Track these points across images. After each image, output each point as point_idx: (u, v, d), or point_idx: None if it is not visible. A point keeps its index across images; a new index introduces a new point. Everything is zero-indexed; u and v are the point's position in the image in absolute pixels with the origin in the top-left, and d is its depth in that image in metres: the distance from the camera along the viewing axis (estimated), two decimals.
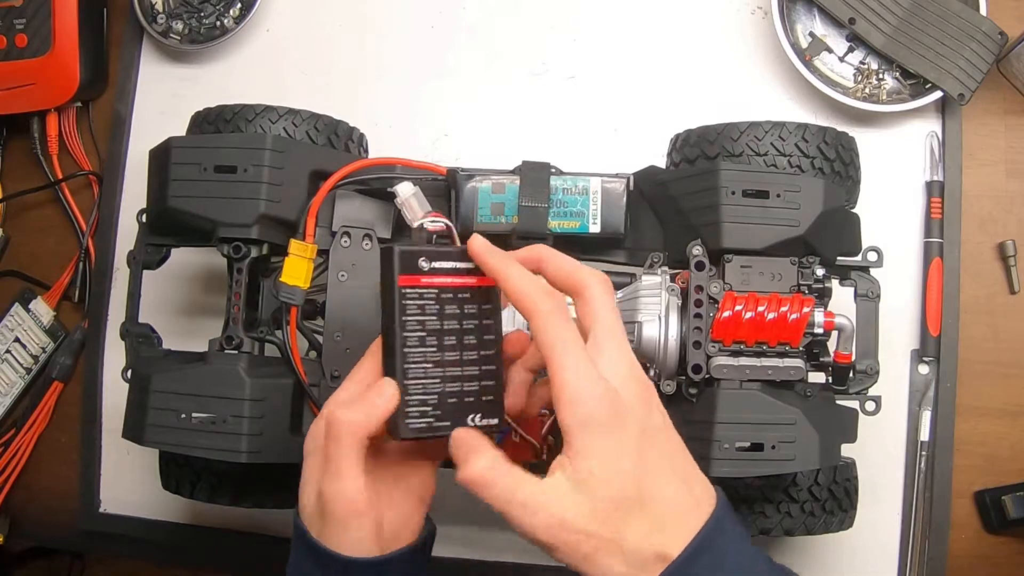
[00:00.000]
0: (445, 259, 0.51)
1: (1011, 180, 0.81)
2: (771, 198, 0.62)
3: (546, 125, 0.85)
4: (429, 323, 0.50)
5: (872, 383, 0.68)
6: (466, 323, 0.51)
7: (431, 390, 0.50)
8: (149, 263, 0.73)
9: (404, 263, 0.50)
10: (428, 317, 0.50)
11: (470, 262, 0.51)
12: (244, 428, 0.63)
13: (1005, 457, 0.78)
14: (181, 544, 0.86)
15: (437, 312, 0.51)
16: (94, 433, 0.88)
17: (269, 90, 0.86)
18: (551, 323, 0.47)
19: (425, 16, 0.89)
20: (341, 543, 0.49)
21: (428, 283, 0.51)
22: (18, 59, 0.88)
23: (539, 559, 0.81)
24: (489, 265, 0.50)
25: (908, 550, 0.77)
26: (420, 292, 0.50)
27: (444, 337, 0.51)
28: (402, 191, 0.65)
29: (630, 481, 0.46)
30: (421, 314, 0.50)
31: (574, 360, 0.46)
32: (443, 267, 0.51)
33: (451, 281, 0.51)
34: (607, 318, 0.48)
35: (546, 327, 0.47)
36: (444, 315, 0.51)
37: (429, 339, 0.50)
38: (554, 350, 0.47)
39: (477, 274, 0.51)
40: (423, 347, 0.50)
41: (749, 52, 0.85)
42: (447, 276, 0.51)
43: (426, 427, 0.50)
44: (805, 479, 0.66)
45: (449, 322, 0.51)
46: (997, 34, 0.77)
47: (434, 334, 0.50)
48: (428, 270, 0.51)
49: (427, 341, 0.50)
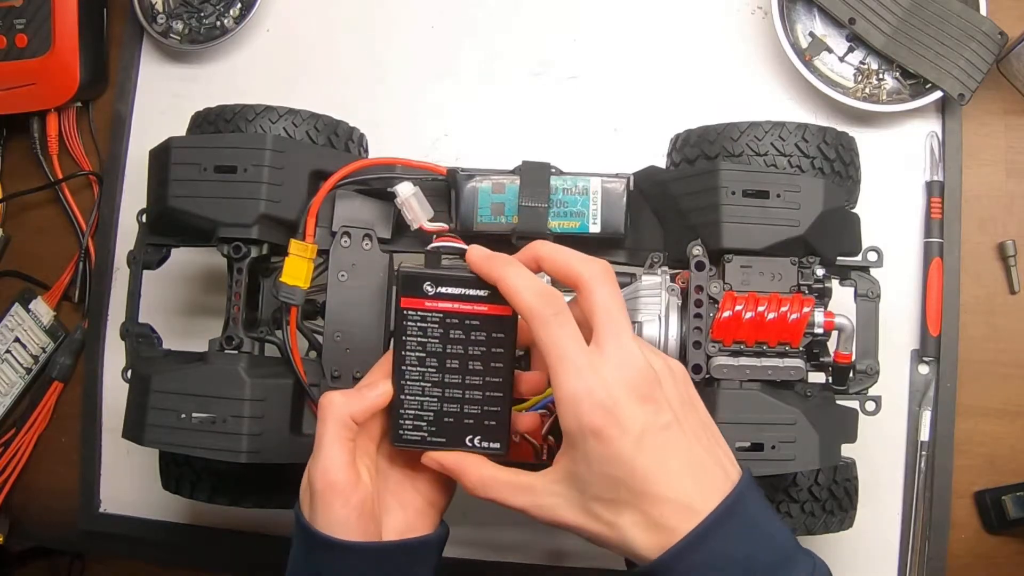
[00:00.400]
0: (453, 284, 0.51)
1: (1011, 180, 0.81)
2: (771, 198, 0.62)
3: (546, 125, 0.85)
4: (431, 345, 0.51)
5: (872, 383, 0.68)
6: (472, 349, 0.51)
7: (428, 407, 0.52)
8: (149, 263, 0.73)
9: (407, 285, 0.51)
10: (430, 339, 0.51)
11: (484, 289, 0.51)
12: (244, 428, 0.63)
13: (1005, 457, 0.78)
14: (181, 544, 0.86)
15: (440, 336, 0.51)
16: (94, 433, 0.88)
17: (269, 90, 0.86)
18: (548, 328, 0.47)
19: (425, 16, 0.89)
20: (327, 522, 0.50)
21: (432, 307, 0.51)
22: (18, 59, 0.88)
23: (540, 559, 0.81)
24: (485, 271, 0.50)
25: (908, 550, 0.77)
26: (423, 315, 0.51)
27: (446, 360, 0.51)
28: (402, 191, 0.65)
29: (622, 487, 0.46)
30: (422, 336, 0.51)
31: (572, 366, 0.46)
32: (450, 292, 0.51)
33: (458, 307, 0.51)
34: (607, 310, 0.48)
35: (543, 332, 0.47)
36: (448, 339, 0.51)
37: (429, 360, 0.51)
38: (551, 356, 0.47)
39: (491, 302, 0.51)
40: (422, 367, 0.51)
41: (749, 52, 0.85)
42: (454, 302, 0.51)
43: (420, 439, 0.52)
44: (805, 479, 0.66)
45: (453, 347, 0.51)
46: (997, 34, 0.77)
47: (435, 356, 0.51)
48: (433, 294, 0.51)
49: (427, 362, 0.51)
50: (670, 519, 0.46)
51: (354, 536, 0.50)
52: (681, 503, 0.46)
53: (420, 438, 0.52)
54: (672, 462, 0.47)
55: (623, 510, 0.46)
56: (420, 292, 0.51)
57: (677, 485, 0.46)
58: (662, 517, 0.46)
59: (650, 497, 0.46)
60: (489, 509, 0.50)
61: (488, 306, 0.51)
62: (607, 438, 0.46)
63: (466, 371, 0.51)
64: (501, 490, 0.50)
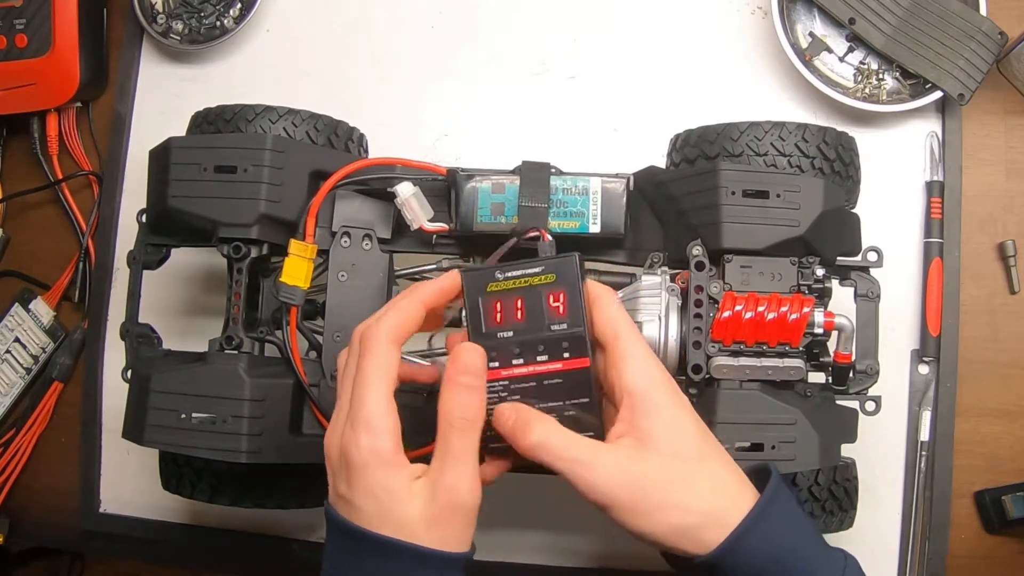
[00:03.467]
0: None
1: (1011, 180, 0.81)
2: (771, 198, 0.62)
3: (546, 125, 0.85)
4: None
5: (872, 383, 0.68)
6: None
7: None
8: (149, 263, 0.73)
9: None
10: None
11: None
12: (244, 428, 0.63)
13: (1005, 457, 0.78)
14: (181, 544, 0.86)
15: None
16: (94, 433, 0.88)
17: (269, 90, 0.86)
18: (614, 307, 0.52)
19: (425, 16, 0.89)
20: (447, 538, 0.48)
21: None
22: (18, 59, 0.88)
23: (542, 560, 0.81)
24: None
25: (908, 550, 0.77)
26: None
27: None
28: (402, 191, 0.65)
29: (694, 443, 0.49)
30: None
31: (638, 339, 0.51)
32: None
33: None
34: (630, 327, 0.52)
35: (609, 310, 0.52)
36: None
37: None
38: (620, 327, 0.51)
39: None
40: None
41: (749, 52, 0.85)
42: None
43: None
44: (805, 479, 0.66)
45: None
46: (997, 34, 0.77)
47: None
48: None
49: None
50: (733, 498, 0.49)
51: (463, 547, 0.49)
52: (735, 489, 0.50)
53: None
54: (719, 444, 0.52)
55: (693, 473, 0.49)
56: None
57: (729, 460, 0.51)
58: (726, 489, 0.49)
59: (712, 463, 0.50)
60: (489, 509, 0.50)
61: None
62: (673, 394, 0.50)
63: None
64: (562, 448, 0.49)
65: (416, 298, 0.51)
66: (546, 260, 0.52)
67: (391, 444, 0.48)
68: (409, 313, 0.51)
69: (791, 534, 0.49)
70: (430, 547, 0.47)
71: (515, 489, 0.67)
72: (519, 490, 0.67)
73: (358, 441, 0.47)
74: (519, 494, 0.71)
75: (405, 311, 0.51)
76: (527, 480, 0.58)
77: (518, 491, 0.68)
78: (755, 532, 0.48)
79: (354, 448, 0.47)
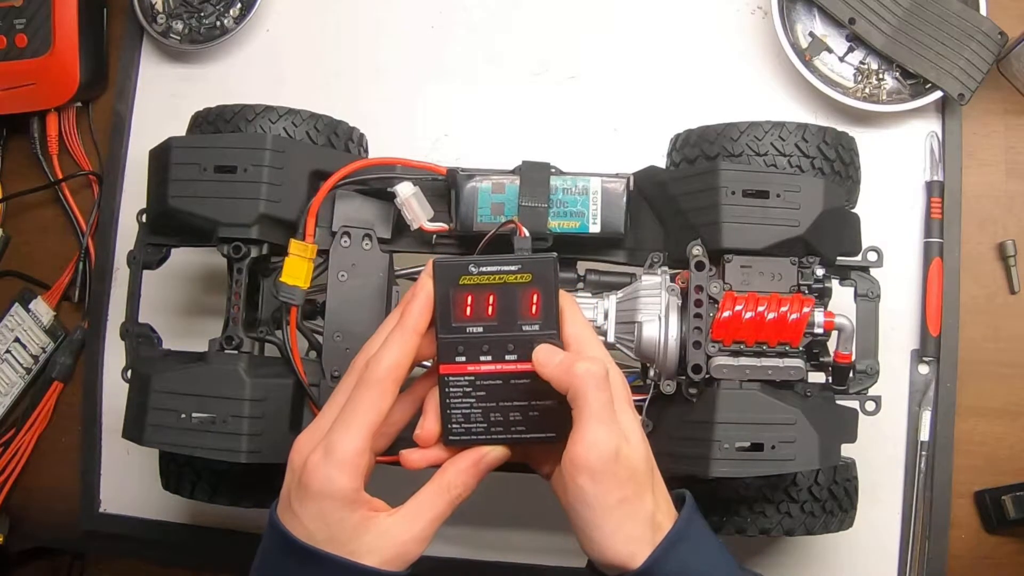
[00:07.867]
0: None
1: (1011, 180, 0.81)
2: (771, 198, 0.62)
3: (546, 125, 0.85)
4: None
5: (872, 383, 0.68)
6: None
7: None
8: (149, 263, 0.73)
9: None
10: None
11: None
12: (244, 428, 0.63)
13: (1005, 457, 0.78)
14: (181, 544, 0.86)
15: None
16: (94, 433, 0.88)
17: (269, 90, 0.86)
18: (579, 322, 0.53)
19: (425, 16, 0.89)
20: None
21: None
22: (18, 59, 0.88)
23: (542, 560, 0.81)
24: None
25: (908, 550, 0.77)
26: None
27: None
28: (402, 191, 0.65)
29: (648, 461, 0.51)
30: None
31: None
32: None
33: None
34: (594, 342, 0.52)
35: (573, 327, 0.52)
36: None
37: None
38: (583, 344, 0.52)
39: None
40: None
41: (749, 52, 0.85)
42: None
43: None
44: (805, 479, 0.66)
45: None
46: (997, 34, 0.77)
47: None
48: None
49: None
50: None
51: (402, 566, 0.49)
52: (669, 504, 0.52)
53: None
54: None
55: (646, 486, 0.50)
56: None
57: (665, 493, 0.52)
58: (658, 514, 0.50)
59: (657, 484, 0.51)
60: (488, 509, 0.50)
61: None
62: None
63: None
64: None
65: (408, 328, 0.51)
66: (523, 259, 0.51)
67: (357, 484, 0.48)
68: (405, 350, 0.51)
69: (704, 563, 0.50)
70: (374, 566, 0.48)
71: (515, 489, 0.67)
72: (519, 490, 0.67)
73: (327, 472, 0.48)
74: (519, 494, 0.70)
75: (404, 347, 0.51)
76: (527, 480, 0.58)
77: (518, 491, 0.68)
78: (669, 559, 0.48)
79: (320, 476, 0.48)
